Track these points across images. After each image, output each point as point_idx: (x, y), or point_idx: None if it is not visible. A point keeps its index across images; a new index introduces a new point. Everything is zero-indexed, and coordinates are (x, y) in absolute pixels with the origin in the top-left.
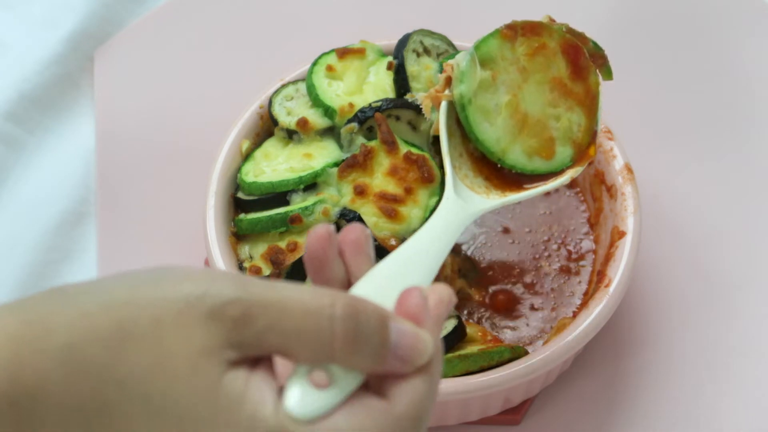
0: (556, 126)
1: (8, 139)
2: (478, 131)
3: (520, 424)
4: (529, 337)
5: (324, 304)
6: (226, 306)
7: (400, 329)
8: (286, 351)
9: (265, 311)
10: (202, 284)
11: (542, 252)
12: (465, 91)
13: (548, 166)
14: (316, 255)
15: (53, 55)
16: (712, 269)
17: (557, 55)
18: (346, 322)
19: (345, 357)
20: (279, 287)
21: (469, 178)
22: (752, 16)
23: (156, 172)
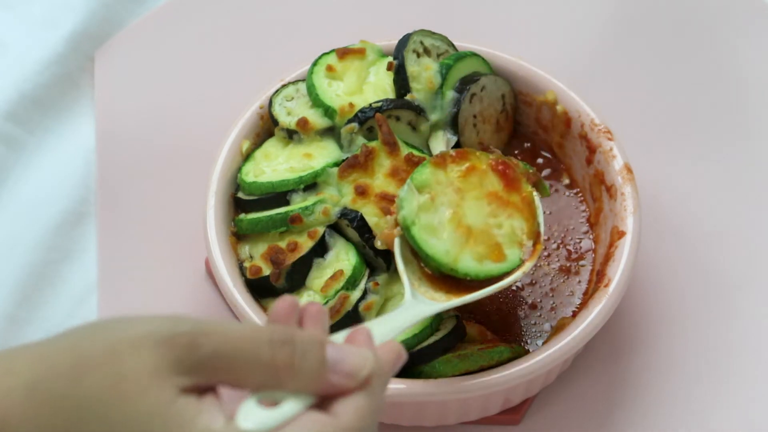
0: (500, 233)
1: (8, 139)
2: (426, 247)
3: (519, 424)
4: (528, 337)
5: (263, 333)
6: (175, 337)
7: (337, 347)
8: (233, 378)
9: (211, 339)
10: (151, 322)
11: (542, 251)
12: (407, 214)
13: (500, 268)
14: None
15: (53, 55)
16: (711, 269)
17: (488, 173)
18: (284, 345)
19: (288, 379)
20: (223, 322)
21: (429, 293)
22: (752, 16)
23: (156, 172)
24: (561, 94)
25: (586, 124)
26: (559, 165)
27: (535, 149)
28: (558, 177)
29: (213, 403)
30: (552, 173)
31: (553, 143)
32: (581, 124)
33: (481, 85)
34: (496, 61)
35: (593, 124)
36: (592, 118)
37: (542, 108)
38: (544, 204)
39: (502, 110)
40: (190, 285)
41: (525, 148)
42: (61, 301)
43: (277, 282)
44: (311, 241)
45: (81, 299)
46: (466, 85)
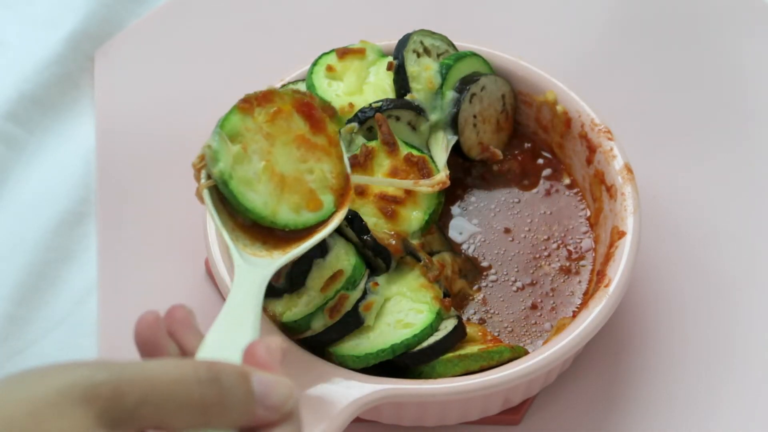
0: (311, 179)
1: (8, 139)
2: (245, 201)
3: (519, 424)
4: (529, 337)
5: (188, 372)
6: (97, 388)
7: (261, 380)
8: (161, 422)
9: (135, 386)
10: (69, 373)
11: (542, 252)
12: (224, 168)
13: (317, 217)
14: (147, 340)
15: (53, 55)
16: (711, 269)
17: (293, 115)
18: (212, 383)
19: (217, 416)
20: (144, 364)
21: (248, 247)
22: (752, 16)
23: (156, 172)
24: (561, 94)
25: (586, 124)
26: (560, 165)
27: (536, 149)
28: (558, 177)
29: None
30: (552, 173)
31: (553, 143)
32: (581, 124)
33: (481, 85)
34: (496, 61)
35: (593, 124)
36: (592, 118)
37: (542, 108)
38: (545, 204)
39: (502, 110)
40: (190, 285)
41: (525, 149)
42: (61, 301)
43: (277, 282)
44: None
45: (81, 299)
46: (466, 85)
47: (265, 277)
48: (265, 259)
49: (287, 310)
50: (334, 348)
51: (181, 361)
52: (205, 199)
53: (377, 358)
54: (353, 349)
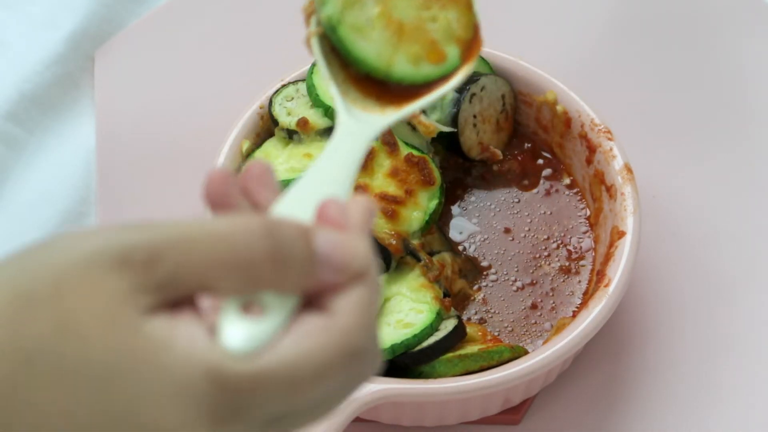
0: (434, 27)
1: (8, 139)
2: (356, 50)
3: (519, 424)
4: (528, 337)
5: (237, 226)
6: (132, 251)
7: (326, 236)
8: (206, 285)
9: (176, 246)
10: (100, 237)
11: (542, 251)
12: (332, 12)
13: (438, 70)
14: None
15: (53, 55)
16: (711, 269)
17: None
18: (265, 238)
19: (271, 277)
20: (185, 222)
21: (359, 101)
22: (752, 16)
23: (156, 172)
24: (561, 94)
25: (586, 124)
26: (560, 165)
27: (536, 149)
28: (558, 177)
29: (190, 320)
30: (552, 173)
31: (553, 143)
32: (581, 124)
33: (480, 85)
34: (495, 61)
35: (593, 124)
36: (592, 118)
37: (542, 108)
38: (545, 204)
39: (502, 110)
40: None
41: (525, 149)
42: None
43: None
44: None
45: None
46: (466, 85)
47: (371, 136)
48: (376, 115)
49: None
50: None
51: (231, 216)
52: (313, 48)
53: None
54: None
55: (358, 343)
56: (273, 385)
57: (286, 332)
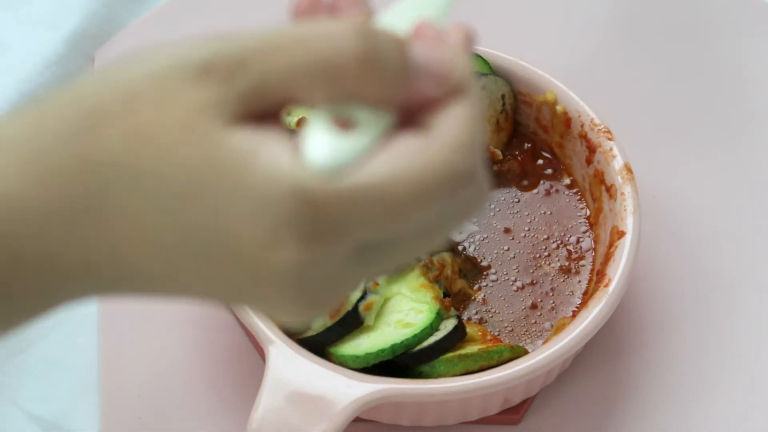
0: None
1: None
2: None
3: (519, 424)
4: (528, 337)
5: (327, 29)
6: (214, 60)
7: (422, 45)
8: (294, 95)
9: (260, 53)
10: (179, 48)
11: (542, 251)
12: None
13: None
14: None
15: (53, 55)
16: (711, 269)
17: None
18: (357, 42)
19: (363, 86)
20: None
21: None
22: (752, 16)
23: None
24: (561, 94)
25: (586, 124)
26: (559, 165)
27: (536, 149)
28: (558, 177)
29: (276, 134)
30: (552, 173)
31: (553, 143)
32: (581, 124)
33: (480, 85)
34: (495, 61)
35: (593, 124)
36: (592, 118)
37: (542, 108)
38: (545, 204)
39: (502, 110)
40: None
41: (525, 149)
42: None
43: None
44: None
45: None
46: None
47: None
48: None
49: None
50: (334, 348)
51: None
52: None
53: (377, 358)
54: (353, 349)
55: (461, 164)
56: (366, 205)
57: (379, 150)
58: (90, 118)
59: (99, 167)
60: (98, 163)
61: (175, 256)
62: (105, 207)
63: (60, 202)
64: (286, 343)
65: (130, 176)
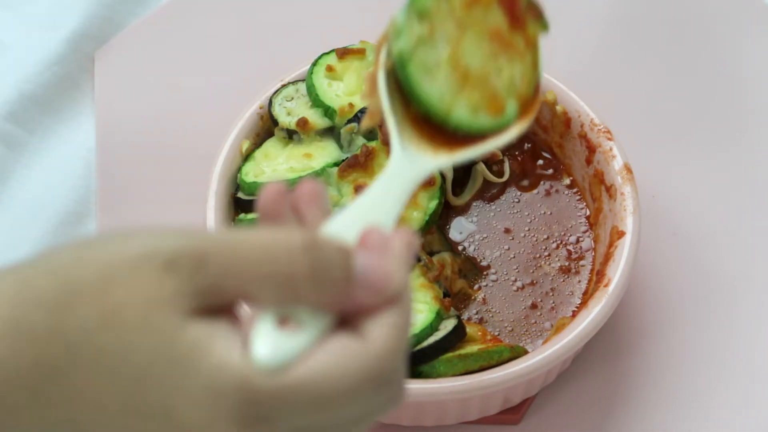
0: (499, 79)
1: (9, 139)
2: (420, 89)
3: (519, 424)
4: (528, 337)
5: (280, 238)
6: (179, 256)
7: (364, 257)
8: (246, 294)
9: (220, 254)
10: (151, 239)
11: (542, 251)
12: (404, 47)
13: (494, 123)
14: (269, 212)
15: (54, 55)
16: (711, 269)
17: (493, 5)
18: (305, 252)
19: (308, 293)
20: (232, 231)
21: (413, 141)
22: (752, 16)
23: (156, 173)
24: (561, 94)
25: (586, 124)
26: (559, 165)
27: (535, 149)
28: (558, 177)
29: (228, 328)
30: (552, 173)
31: (552, 143)
32: (581, 124)
33: None
34: None
35: (593, 124)
36: (592, 118)
37: (542, 108)
38: (545, 204)
39: None
40: None
41: (525, 149)
42: None
43: None
44: None
45: None
46: None
47: (421, 175)
48: (428, 157)
49: None
50: None
51: (275, 228)
52: (379, 81)
53: None
54: None
55: (387, 370)
56: (299, 400)
57: (317, 349)
58: (68, 294)
59: (70, 342)
60: (70, 338)
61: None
62: (70, 379)
63: (30, 368)
64: None
65: (96, 354)
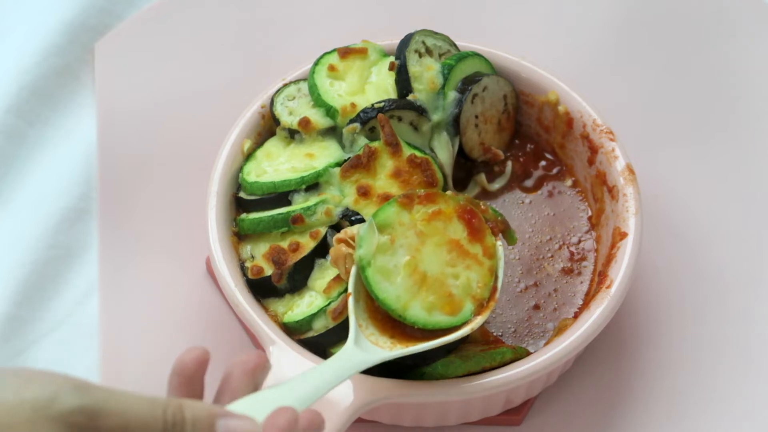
0: (455, 283)
1: (8, 130)
2: (378, 290)
3: (521, 425)
4: (531, 338)
5: (158, 414)
6: (72, 414)
7: (227, 423)
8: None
9: (108, 419)
10: (47, 389)
11: (545, 253)
12: (364, 255)
13: (450, 321)
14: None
15: (52, 46)
16: (712, 270)
17: (453, 219)
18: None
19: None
20: (119, 396)
21: (374, 335)
22: (752, 16)
23: (157, 171)
24: (563, 94)
25: (588, 125)
26: (562, 166)
27: (538, 151)
28: (560, 178)
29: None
30: (555, 174)
31: (554, 144)
32: (583, 125)
33: (483, 85)
34: (498, 61)
35: (595, 125)
36: (594, 118)
37: (544, 108)
38: (547, 205)
39: (504, 111)
40: (190, 284)
41: (528, 150)
42: (63, 300)
43: (278, 282)
44: (313, 242)
45: (82, 298)
46: (468, 85)
47: (369, 363)
48: (383, 349)
49: (288, 310)
50: (335, 348)
51: (155, 399)
52: (350, 279)
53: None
54: None
55: None
56: None
57: None
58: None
59: None
60: None
61: None
62: None
63: None
64: (287, 344)
65: None
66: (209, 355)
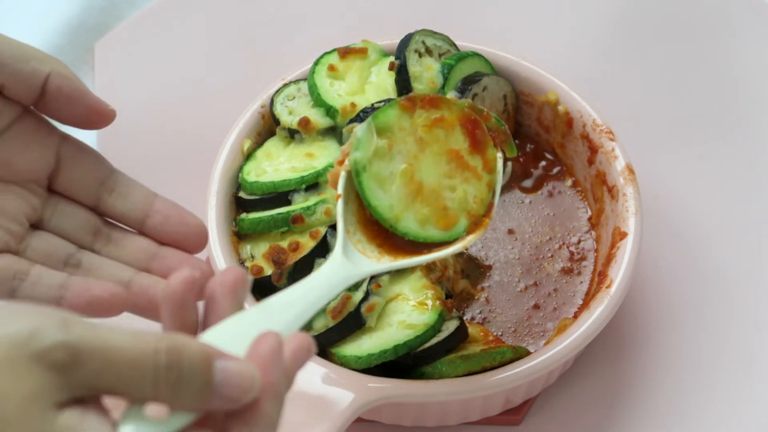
0: (451, 196)
1: None
2: (371, 197)
3: (521, 425)
4: (531, 338)
5: (148, 353)
6: (53, 350)
7: (224, 368)
8: (114, 392)
9: (92, 358)
10: (31, 323)
11: (545, 252)
12: (360, 159)
13: (442, 236)
14: (176, 298)
15: (51, 46)
16: (712, 270)
17: (455, 127)
18: (169, 369)
19: (171, 400)
20: (105, 333)
21: (362, 243)
22: (752, 16)
23: (157, 171)
24: (563, 94)
25: (588, 125)
26: (562, 166)
27: (538, 151)
28: (560, 178)
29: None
30: (554, 174)
31: (554, 144)
32: (583, 125)
33: (482, 85)
34: (498, 61)
35: (595, 125)
36: (594, 118)
37: (544, 108)
38: (547, 205)
39: (504, 110)
40: None
41: (527, 150)
42: None
43: (278, 282)
44: (313, 242)
45: None
46: (468, 85)
47: (356, 276)
48: (371, 260)
49: None
50: (336, 348)
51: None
52: (340, 180)
53: (379, 358)
54: (355, 350)
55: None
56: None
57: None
58: None
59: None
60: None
61: None
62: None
63: None
64: None
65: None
66: (199, 274)
